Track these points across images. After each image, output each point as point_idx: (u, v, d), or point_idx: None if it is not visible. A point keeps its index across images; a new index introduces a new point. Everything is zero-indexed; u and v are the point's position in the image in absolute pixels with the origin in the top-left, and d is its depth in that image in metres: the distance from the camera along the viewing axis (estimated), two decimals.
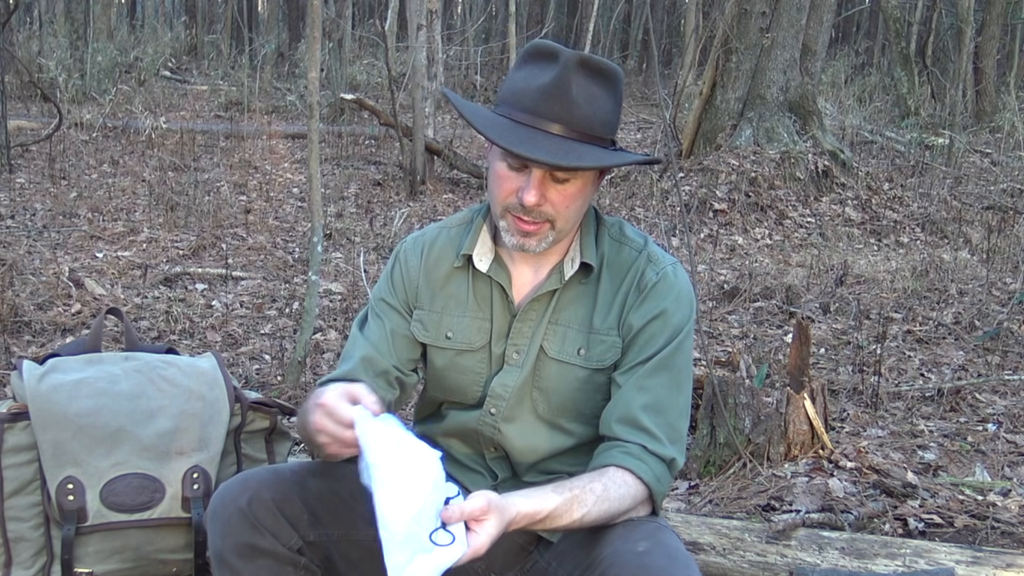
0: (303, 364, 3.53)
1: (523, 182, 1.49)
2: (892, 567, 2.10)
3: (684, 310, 1.59)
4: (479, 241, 1.65)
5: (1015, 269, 5.67)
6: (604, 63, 1.51)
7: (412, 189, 7.64)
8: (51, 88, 10.21)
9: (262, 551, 1.46)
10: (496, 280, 1.63)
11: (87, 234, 5.77)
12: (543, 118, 1.47)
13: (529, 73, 1.51)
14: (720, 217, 6.95)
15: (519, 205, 1.50)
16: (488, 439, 1.66)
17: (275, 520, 1.48)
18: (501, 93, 1.56)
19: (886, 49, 16.05)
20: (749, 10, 7.75)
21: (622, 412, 1.55)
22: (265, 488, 1.49)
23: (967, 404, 3.60)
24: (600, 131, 1.50)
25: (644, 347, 1.57)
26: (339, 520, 1.55)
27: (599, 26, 14.68)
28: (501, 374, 1.63)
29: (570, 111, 1.47)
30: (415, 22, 7.93)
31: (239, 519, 1.46)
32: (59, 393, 1.96)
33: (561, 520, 1.41)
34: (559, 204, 1.51)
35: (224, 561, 1.47)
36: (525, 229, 1.52)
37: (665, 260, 1.62)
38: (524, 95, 1.50)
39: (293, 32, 19.08)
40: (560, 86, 1.47)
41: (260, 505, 1.47)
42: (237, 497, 1.48)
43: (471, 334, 1.64)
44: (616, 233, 1.65)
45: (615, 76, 1.51)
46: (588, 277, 1.62)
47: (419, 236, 1.72)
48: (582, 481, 1.47)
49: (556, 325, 1.61)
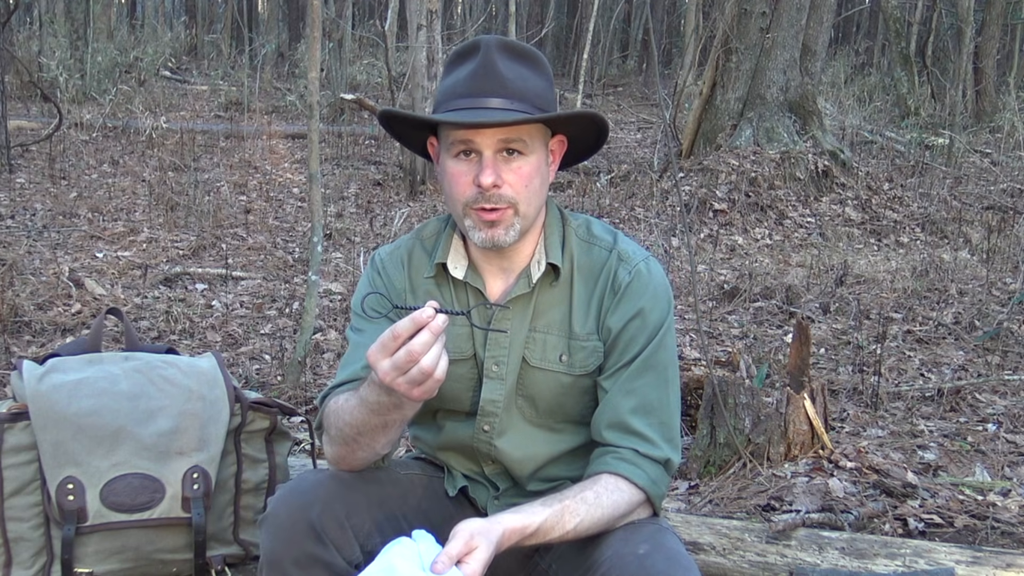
0: (303, 364, 3.53)
1: (476, 169, 1.50)
2: (892, 567, 2.10)
3: (661, 306, 1.59)
4: (451, 249, 1.64)
5: (1015, 269, 5.67)
6: (523, 45, 1.55)
7: (412, 189, 7.64)
8: (51, 88, 10.21)
9: (321, 562, 1.45)
10: (473, 286, 1.62)
11: (87, 234, 5.77)
12: (479, 96, 1.49)
13: (455, 71, 1.55)
14: (720, 217, 6.95)
15: (478, 195, 1.50)
16: (485, 455, 1.66)
17: (342, 533, 1.47)
18: (435, 102, 1.58)
19: (886, 49, 16.05)
20: (749, 10, 7.75)
21: (611, 418, 1.55)
22: (337, 501, 1.49)
23: (967, 404, 3.60)
24: (538, 103, 1.52)
25: (626, 349, 1.57)
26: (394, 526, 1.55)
27: (599, 26, 14.67)
28: (485, 388, 1.61)
29: (503, 85, 1.49)
30: (415, 22, 7.92)
31: (306, 529, 1.44)
32: (59, 393, 1.96)
33: (554, 532, 1.41)
34: (517, 184, 1.51)
35: (279, 568, 1.45)
36: (489, 218, 1.51)
37: (636, 256, 1.61)
38: (455, 87, 1.52)
39: (293, 32, 19.09)
40: (487, 65, 1.50)
41: (330, 517, 1.46)
42: (308, 507, 1.46)
43: (460, 343, 1.63)
44: (584, 233, 1.64)
45: (537, 56, 1.56)
46: (558, 280, 1.61)
47: (394, 249, 1.70)
48: (573, 491, 1.47)
49: (536, 332, 1.60)
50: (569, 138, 1.62)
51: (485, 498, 1.68)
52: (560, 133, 1.61)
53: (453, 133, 1.51)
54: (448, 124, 1.50)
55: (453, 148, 1.51)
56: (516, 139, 1.50)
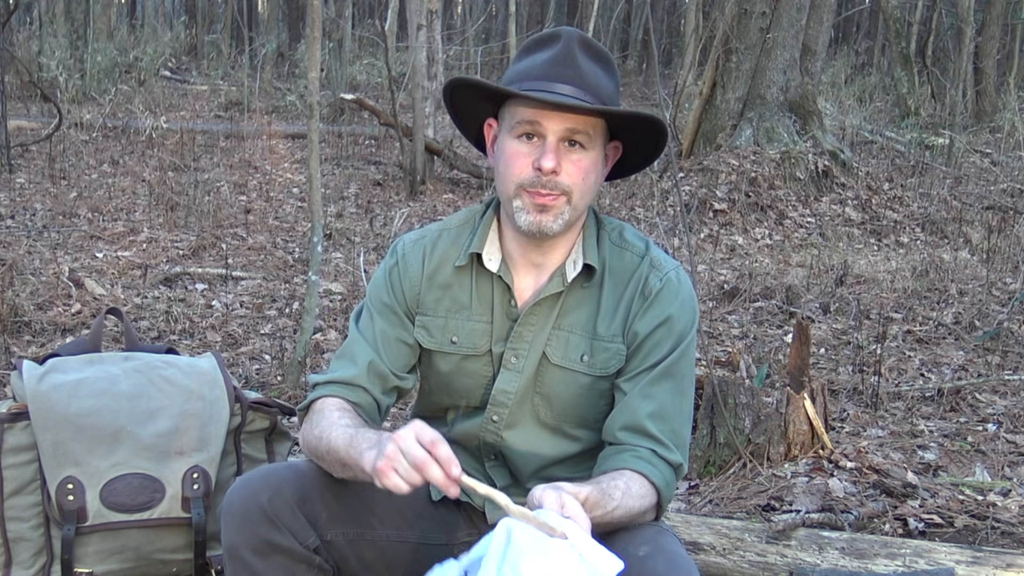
0: (303, 364, 3.53)
1: (538, 152, 1.49)
2: (892, 567, 2.10)
3: (688, 316, 1.59)
4: (488, 240, 1.63)
5: (1015, 269, 5.67)
6: (601, 46, 1.56)
7: (412, 189, 7.63)
8: (51, 88, 10.20)
9: (279, 548, 1.45)
10: (503, 280, 1.61)
11: (87, 234, 5.77)
12: (555, 81, 1.49)
13: (533, 55, 1.54)
14: (720, 217, 6.95)
15: (535, 178, 1.49)
16: (489, 446, 1.66)
17: (295, 518, 1.47)
18: (506, 78, 1.57)
19: (886, 49, 16.05)
20: (749, 10, 7.75)
21: (628, 420, 1.55)
22: (287, 485, 1.48)
23: (967, 404, 3.60)
24: (608, 102, 1.52)
25: (649, 354, 1.57)
26: (356, 520, 1.55)
27: (599, 26, 14.67)
28: (500, 379, 1.61)
29: (580, 75, 1.50)
30: (415, 22, 7.93)
31: (258, 515, 1.45)
32: (59, 393, 1.96)
33: (597, 508, 1.38)
34: (575, 175, 1.51)
35: (238, 557, 1.46)
36: (542, 203, 1.50)
37: (668, 265, 1.61)
38: (532, 69, 1.52)
39: (293, 32, 19.09)
40: (567, 55, 1.50)
41: (281, 502, 1.46)
42: (258, 493, 1.46)
43: (475, 338, 1.62)
44: (617, 238, 1.64)
45: (612, 60, 1.57)
46: (590, 281, 1.60)
47: (419, 238, 1.69)
48: (605, 479, 1.46)
49: (559, 330, 1.60)
50: (625, 147, 1.62)
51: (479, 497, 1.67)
52: (618, 139, 1.61)
53: (520, 112, 1.50)
54: (519, 99, 1.49)
55: (517, 128, 1.51)
56: (581, 131, 1.50)
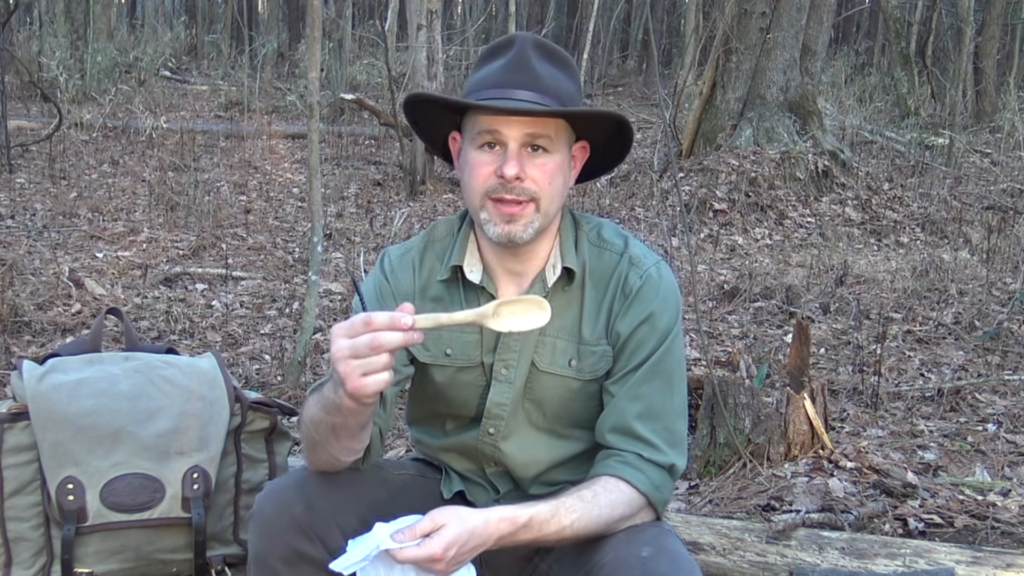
0: (303, 364, 3.53)
1: (499, 161, 1.48)
2: (892, 567, 2.10)
3: (671, 311, 1.58)
4: (467, 252, 1.61)
5: (1015, 269, 5.66)
6: (556, 47, 1.55)
7: (412, 189, 7.63)
8: (51, 88, 10.21)
9: (307, 558, 1.45)
10: (487, 291, 1.60)
11: (87, 234, 5.77)
12: (511, 88, 1.48)
13: (488, 64, 1.54)
14: (720, 217, 6.95)
15: (499, 185, 1.48)
16: (488, 456, 1.65)
17: (328, 530, 1.47)
18: (465, 90, 1.57)
19: (886, 49, 16.05)
20: (749, 10, 7.75)
21: (616, 422, 1.54)
22: (320, 497, 1.48)
23: (967, 404, 3.60)
24: (567, 103, 1.51)
25: (634, 353, 1.56)
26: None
27: (599, 26, 14.67)
28: (493, 391, 1.60)
29: (536, 79, 1.49)
30: (415, 22, 7.92)
31: (290, 524, 1.45)
32: (59, 393, 1.96)
33: (549, 527, 1.40)
34: (541, 180, 1.49)
35: (266, 564, 1.45)
36: (509, 212, 1.49)
37: (647, 260, 1.60)
38: (487, 78, 1.51)
39: (293, 32, 19.09)
40: (521, 60, 1.49)
41: (316, 514, 1.46)
42: (292, 503, 1.46)
43: (469, 349, 1.61)
44: (595, 238, 1.62)
45: (569, 60, 1.56)
46: (571, 284, 1.59)
47: (405, 251, 1.67)
48: (571, 490, 1.47)
49: (546, 337, 1.59)
50: (592, 147, 1.61)
51: (485, 500, 1.67)
52: (584, 139, 1.59)
53: (479, 122, 1.49)
54: (478, 109, 1.48)
55: (478, 139, 1.50)
56: (542, 135, 1.48)
